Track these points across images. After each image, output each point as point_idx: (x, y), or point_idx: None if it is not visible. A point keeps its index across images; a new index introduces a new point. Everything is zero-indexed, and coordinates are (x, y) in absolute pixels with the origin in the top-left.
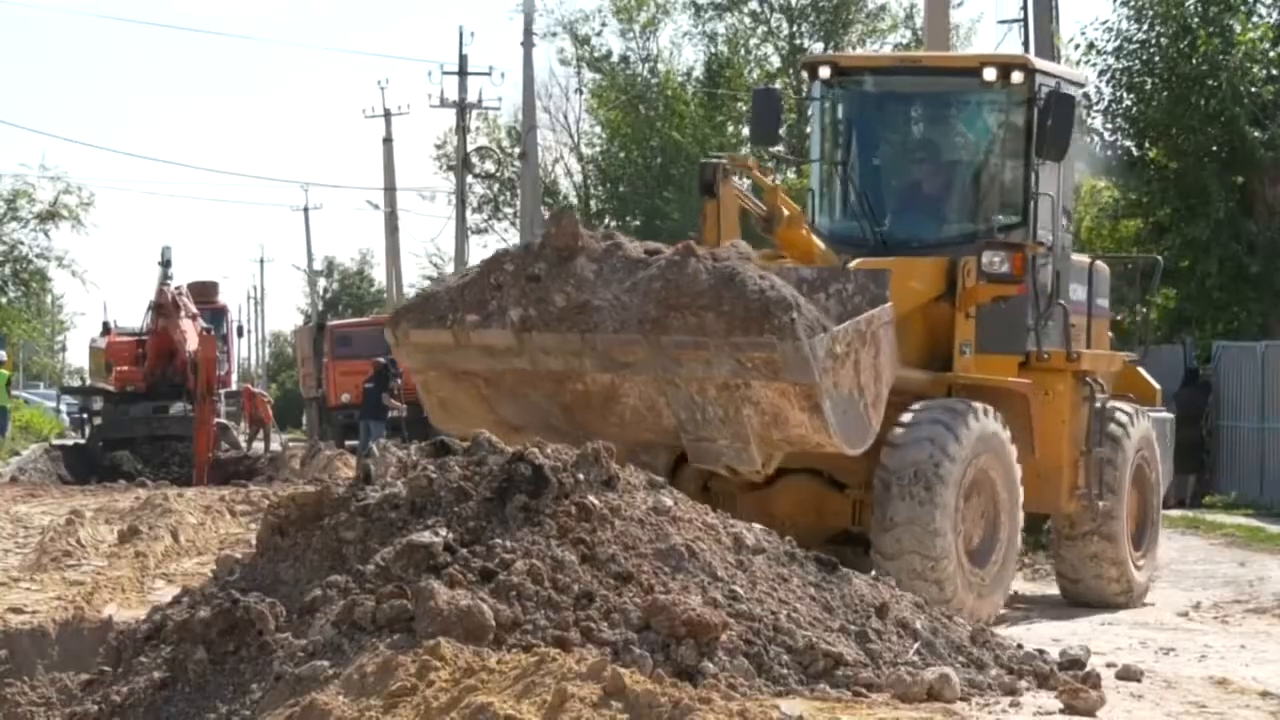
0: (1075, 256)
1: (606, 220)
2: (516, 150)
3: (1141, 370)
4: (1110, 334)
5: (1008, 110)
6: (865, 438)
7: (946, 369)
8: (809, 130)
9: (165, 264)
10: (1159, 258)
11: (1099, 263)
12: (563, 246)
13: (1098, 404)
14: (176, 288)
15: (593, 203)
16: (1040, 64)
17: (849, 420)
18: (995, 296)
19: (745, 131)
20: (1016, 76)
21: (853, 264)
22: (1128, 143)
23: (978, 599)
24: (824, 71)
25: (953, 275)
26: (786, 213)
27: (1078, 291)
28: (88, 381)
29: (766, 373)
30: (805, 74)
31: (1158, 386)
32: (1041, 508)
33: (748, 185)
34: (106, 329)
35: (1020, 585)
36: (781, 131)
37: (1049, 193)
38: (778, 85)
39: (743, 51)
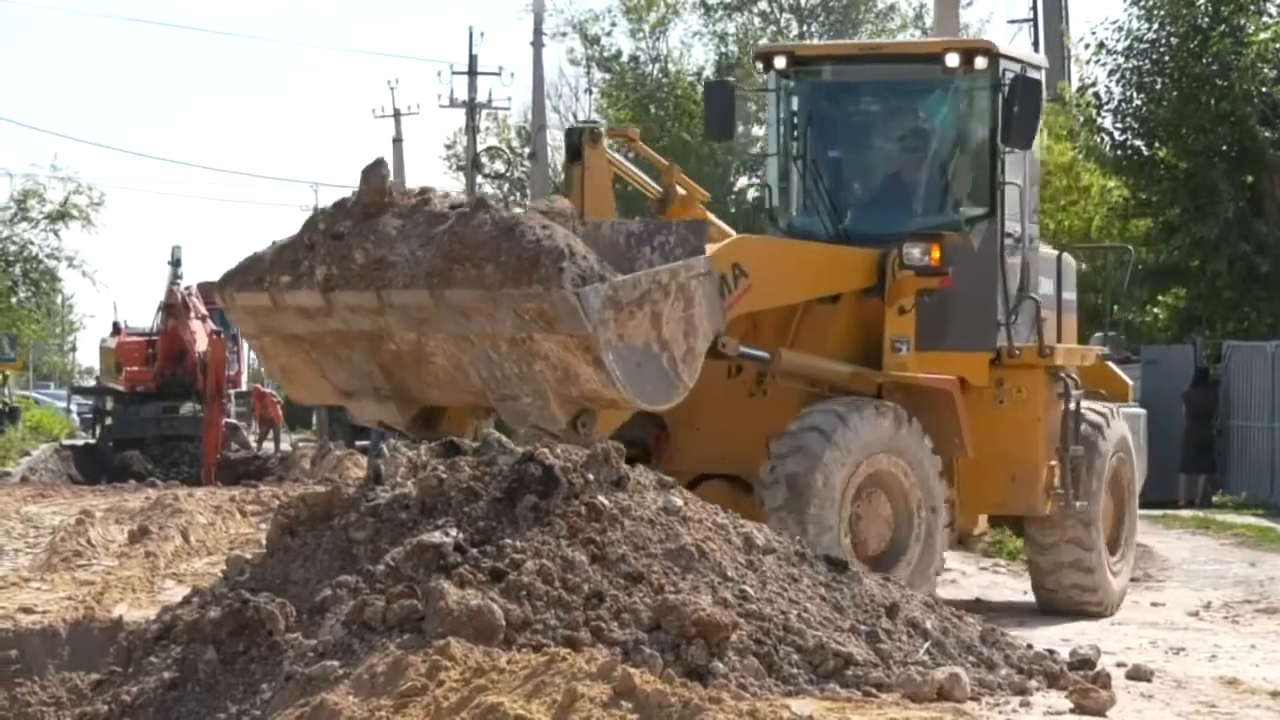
0: (1043, 249)
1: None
2: (526, 150)
3: (1113, 365)
4: (1116, 333)
5: (972, 97)
6: (670, 394)
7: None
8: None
9: (175, 263)
10: (1129, 247)
11: (1067, 255)
12: (369, 203)
13: (1072, 401)
14: (186, 288)
15: None
16: (1004, 48)
17: (644, 375)
18: (919, 290)
19: (751, 131)
20: (980, 62)
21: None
22: (1138, 142)
23: None
24: (780, 62)
25: (884, 268)
26: (681, 192)
27: (1046, 285)
28: (99, 381)
29: (543, 325)
30: (760, 65)
31: (1130, 381)
32: (1017, 510)
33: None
34: (116, 329)
35: (1030, 585)
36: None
37: (1015, 182)
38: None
39: (752, 51)
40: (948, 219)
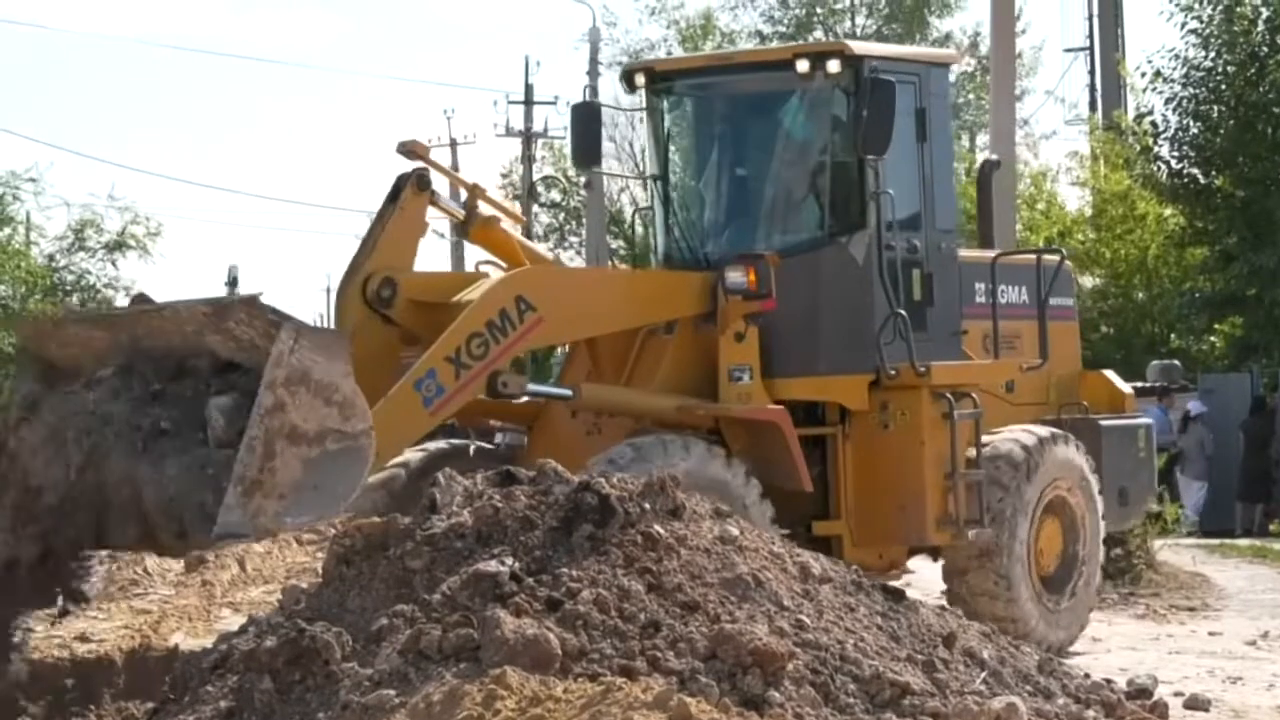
0: (974, 253)
1: None
2: (582, 179)
3: (1109, 374)
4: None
5: (830, 104)
6: (363, 457)
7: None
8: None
9: (232, 283)
10: (1062, 250)
11: (1015, 258)
12: None
13: (961, 420)
14: None
15: None
16: (865, 49)
17: (329, 479)
18: (746, 314)
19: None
20: (833, 66)
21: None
22: (1194, 170)
23: None
24: (640, 79)
25: (716, 293)
26: (486, 212)
27: (980, 294)
28: None
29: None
30: (624, 85)
31: (1128, 391)
32: (910, 540)
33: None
34: None
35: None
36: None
37: (891, 191)
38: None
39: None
40: (813, 235)
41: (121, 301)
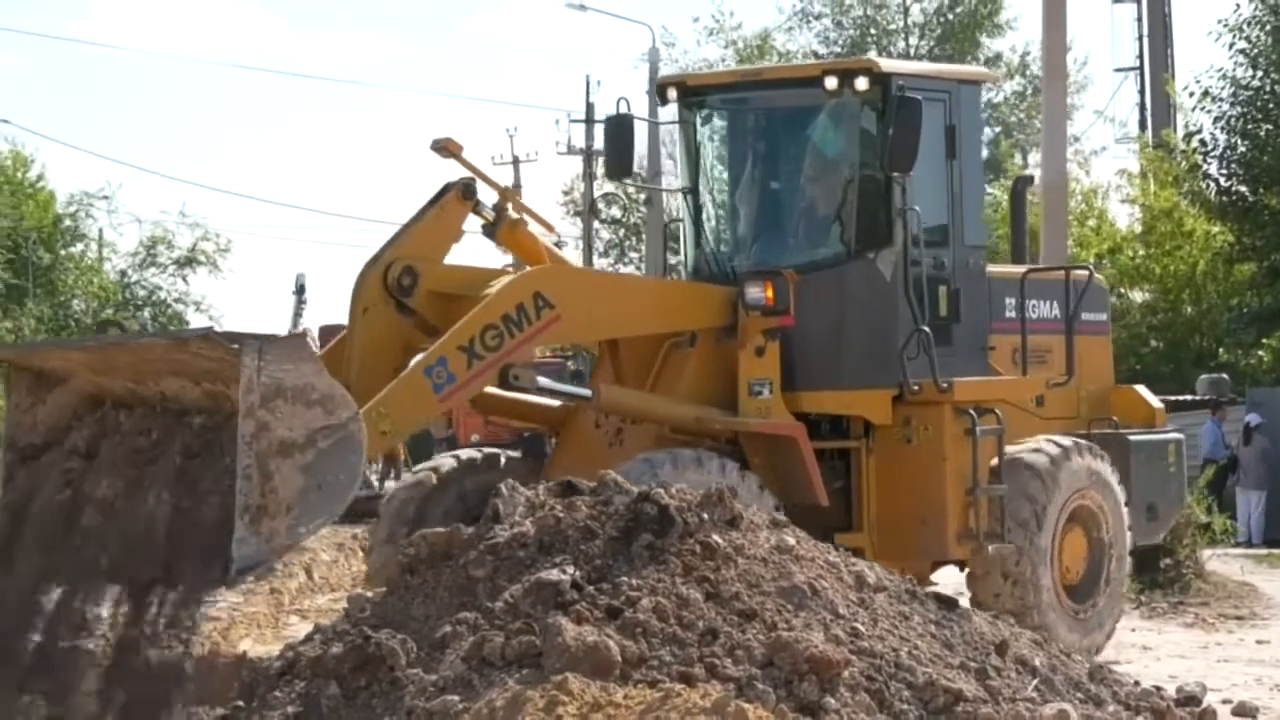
0: (1004, 268)
1: None
2: (642, 196)
3: (1140, 389)
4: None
5: (858, 120)
6: (355, 462)
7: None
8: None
9: (299, 290)
10: (1090, 267)
11: (1045, 274)
12: None
13: (983, 436)
14: (304, 329)
15: None
16: (893, 66)
17: (323, 496)
18: (765, 329)
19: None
20: (861, 83)
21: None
22: (1242, 188)
23: None
24: (672, 93)
25: (737, 307)
26: (514, 216)
27: (1010, 309)
28: None
29: None
30: (658, 98)
31: (1158, 405)
32: (931, 555)
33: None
34: None
35: (1137, 623)
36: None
37: (916, 208)
38: None
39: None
40: (840, 250)
41: (192, 316)
